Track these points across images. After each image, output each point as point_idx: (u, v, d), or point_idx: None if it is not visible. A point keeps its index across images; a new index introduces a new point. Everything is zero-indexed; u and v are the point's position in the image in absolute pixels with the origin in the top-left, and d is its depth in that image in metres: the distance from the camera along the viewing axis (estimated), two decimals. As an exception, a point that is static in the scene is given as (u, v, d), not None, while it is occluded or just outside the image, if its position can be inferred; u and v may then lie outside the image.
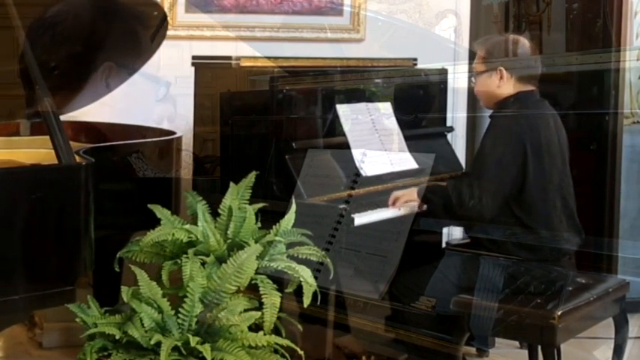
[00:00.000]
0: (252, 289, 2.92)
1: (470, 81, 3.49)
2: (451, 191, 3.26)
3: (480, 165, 3.31)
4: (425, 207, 3.39)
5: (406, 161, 3.70)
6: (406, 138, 3.76)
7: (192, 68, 3.97)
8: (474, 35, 4.61)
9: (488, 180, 3.21)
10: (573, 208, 3.35)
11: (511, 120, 3.29)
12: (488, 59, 3.39)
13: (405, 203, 3.39)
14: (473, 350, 3.78)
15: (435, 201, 3.33)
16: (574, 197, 3.36)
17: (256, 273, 2.91)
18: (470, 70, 3.50)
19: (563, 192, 3.31)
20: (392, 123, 3.77)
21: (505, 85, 3.35)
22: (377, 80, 3.96)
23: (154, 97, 4.13)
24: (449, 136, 4.12)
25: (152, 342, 2.71)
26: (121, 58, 3.47)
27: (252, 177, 3.21)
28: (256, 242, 2.99)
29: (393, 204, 3.40)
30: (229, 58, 3.83)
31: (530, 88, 3.37)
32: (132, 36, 3.43)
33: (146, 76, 3.90)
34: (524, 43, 3.44)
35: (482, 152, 3.31)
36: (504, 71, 3.33)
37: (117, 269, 3.03)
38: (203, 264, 2.93)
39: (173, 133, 3.68)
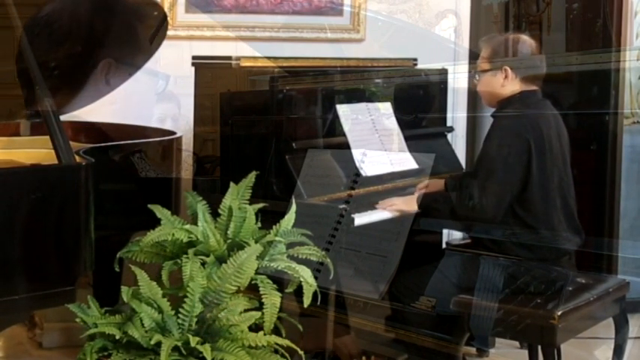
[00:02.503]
0: (252, 289, 2.92)
1: (473, 79, 3.48)
2: (454, 193, 3.26)
3: (486, 166, 3.28)
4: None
5: (406, 161, 3.69)
6: (406, 138, 3.76)
7: (192, 68, 3.97)
8: (474, 35, 4.61)
9: (497, 181, 3.20)
10: (573, 207, 3.35)
11: (514, 119, 3.29)
12: (493, 58, 3.38)
13: (400, 211, 3.38)
14: (473, 350, 3.78)
15: (439, 208, 3.32)
16: (574, 197, 3.36)
17: (256, 273, 2.91)
18: (470, 70, 3.50)
19: (564, 191, 3.31)
20: (392, 123, 3.77)
21: (509, 85, 3.34)
22: (377, 80, 3.96)
23: (154, 91, 4.13)
24: (449, 136, 4.12)
25: (152, 342, 2.71)
26: (120, 55, 3.45)
27: (252, 177, 3.21)
28: (256, 242, 2.99)
29: (387, 206, 3.39)
30: (229, 58, 3.83)
31: (533, 87, 3.37)
32: (130, 32, 3.42)
33: (144, 70, 3.89)
34: (530, 42, 3.44)
35: (488, 153, 3.29)
36: (509, 70, 3.32)
37: (117, 269, 3.03)
38: (203, 264, 2.93)
39: (173, 133, 3.68)
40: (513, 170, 3.20)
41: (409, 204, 3.38)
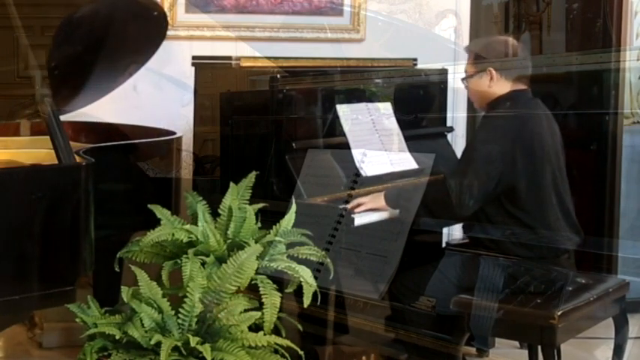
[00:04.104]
0: (252, 289, 2.92)
1: (463, 83, 3.51)
2: (426, 186, 3.27)
3: (465, 163, 3.31)
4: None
5: (406, 161, 3.69)
6: (406, 138, 3.76)
7: (193, 68, 3.97)
8: (474, 35, 4.62)
9: (473, 175, 3.20)
10: (570, 206, 3.35)
11: (503, 119, 3.32)
12: (478, 61, 3.42)
13: (368, 211, 3.34)
14: (473, 350, 3.78)
15: (409, 198, 3.30)
16: (570, 195, 3.37)
17: (256, 273, 2.91)
18: (461, 75, 3.53)
19: (558, 188, 3.31)
20: (392, 123, 3.77)
21: (496, 85, 3.38)
22: (377, 80, 3.96)
23: (179, 103, 4.15)
24: (449, 136, 4.12)
25: (152, 342, 2.71)
26: (144, 59, 3.46)
27: (252, 177, 3.21)
28: (256, 242, 3.00)
29: (356, 207, 3.33)
30: (229, 58, 3.83)
31: (522, 87, 3.39)
32: (152, 37, 3.42)
33: (175, 82, 3.93)
34: (513, 43, 3.50)
35: (471, 149, 3.33)
36: (494, 72, 3.36)
37: (117, 269, 3.03)
38: (203, 264, 2.93)
39: (173, 133, 3.68)
40: (492, 169, 3.20)
41: (377, 201, 3.36)
